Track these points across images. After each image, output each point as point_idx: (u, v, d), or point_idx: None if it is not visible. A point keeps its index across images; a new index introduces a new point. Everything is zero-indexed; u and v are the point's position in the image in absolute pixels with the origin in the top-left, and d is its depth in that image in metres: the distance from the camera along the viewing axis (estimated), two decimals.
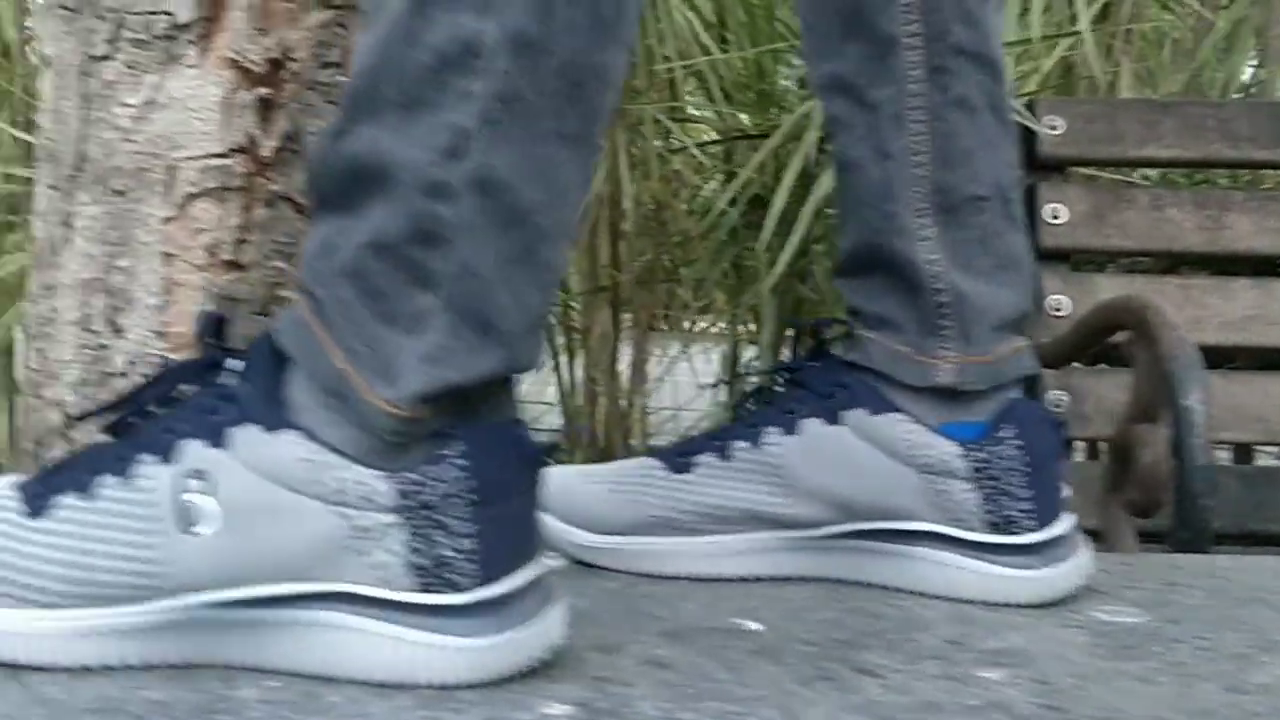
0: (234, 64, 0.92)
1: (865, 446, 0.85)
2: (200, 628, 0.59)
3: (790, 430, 0.87)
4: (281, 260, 0.96)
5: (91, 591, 0.58)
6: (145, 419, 0.64)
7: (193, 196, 0.93)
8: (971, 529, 0.84)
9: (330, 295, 0.61)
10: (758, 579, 0.87)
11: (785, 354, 1.99)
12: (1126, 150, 1.57)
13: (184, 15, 0.92)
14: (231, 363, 0.62)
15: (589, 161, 0.63)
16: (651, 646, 0.63)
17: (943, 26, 0.86)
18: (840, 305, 1.73)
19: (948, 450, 0.84)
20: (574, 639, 0.61)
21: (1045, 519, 0.84)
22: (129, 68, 0.93)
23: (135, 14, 0.92)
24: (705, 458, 0.88)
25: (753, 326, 1.98)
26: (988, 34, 0.88)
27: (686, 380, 2.19)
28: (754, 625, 0.69)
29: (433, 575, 0.59)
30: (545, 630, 0.60)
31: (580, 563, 0.87)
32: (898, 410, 0.86)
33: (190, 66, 0.92)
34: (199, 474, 0.58)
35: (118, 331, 0.95)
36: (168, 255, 0.93)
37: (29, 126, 1.80)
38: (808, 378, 0.89)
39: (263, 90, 0.93)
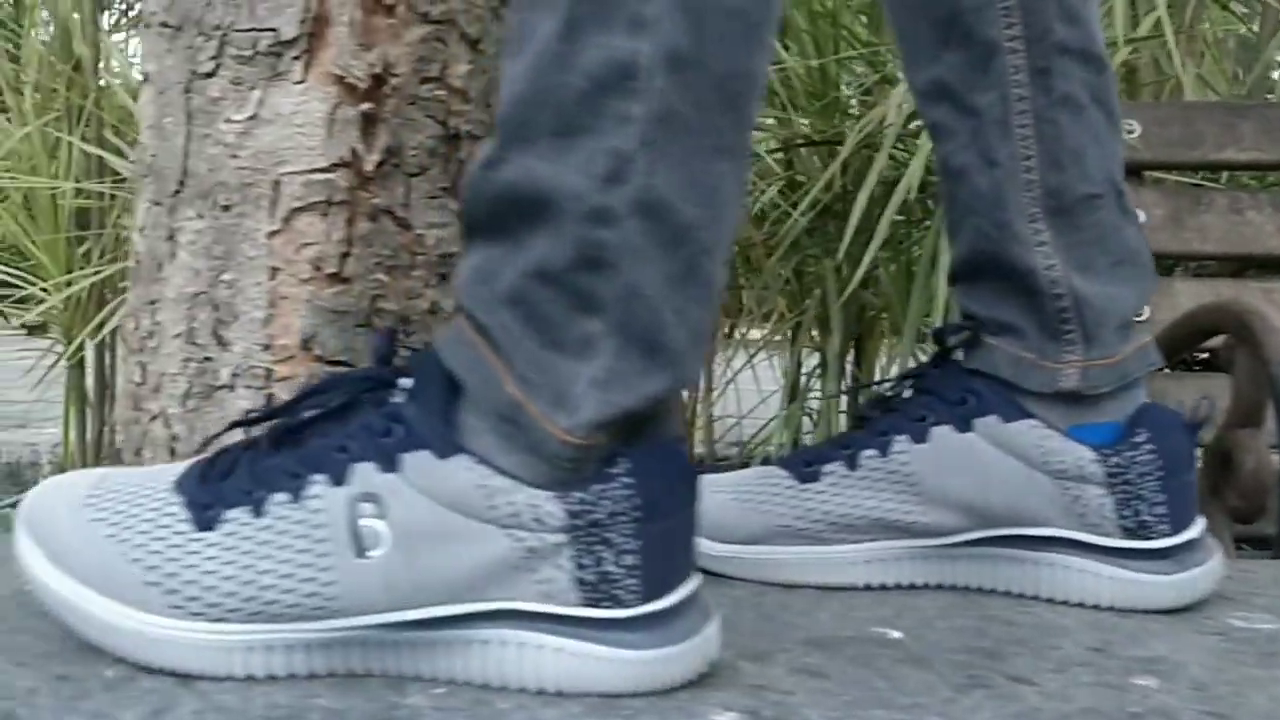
0: (338, 79, 0.93)
1: (997, 453, 0.85)
2: (368, 645, 0.59)
3: (920, 438, 0.87)
4: (383, 273, 0.97)
5: (262, 609, 0.59)
6: (308, 428, 0.63)
7: (297, 211, 0.94)
8: (1106, 534, 0.84)
9: (494, 321, 0.61)
10: (884, 587, 0.87)
11: (849, 363, 2.00)
12: (1205, 153, 1.56)
13: (288, 31, 0.93)
14: (402, 381, 0.62)
15: (744, 171, 0.63)
16: (799, 655, 0.63)
17: (1044, 26, 0.86)
18: (903, 312, 1.72)
19: (1082, 456, 0.84)
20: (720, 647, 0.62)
21: (1179, 523, 0.84)
22: (234, 84, 0.94)
23: (240, 31, 0.94)
24: (832, 466, 0.88)
25: (814, 334, 1.98)
26: (1089, 29, 0.87)
27: (748, 389, 2.19)
28: (895, 634, 0.69)
29: (598, 591, 0.59)
30: (705, 644, 0.60)
31: (706, 572, 0.87)
32: (1030, 416, 0.85)
33: (295, 82, 0.93)
34: (371, 498, 0.58)
35: (223, 345, 0.96)
36: (273, 269, 0.94)
37: (100, 142, 1.83)
38: (935, 385, 0.89)
39: (365, 105, 0.94)
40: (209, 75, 0.95)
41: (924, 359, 1.76)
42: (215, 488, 0.61)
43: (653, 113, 0.58)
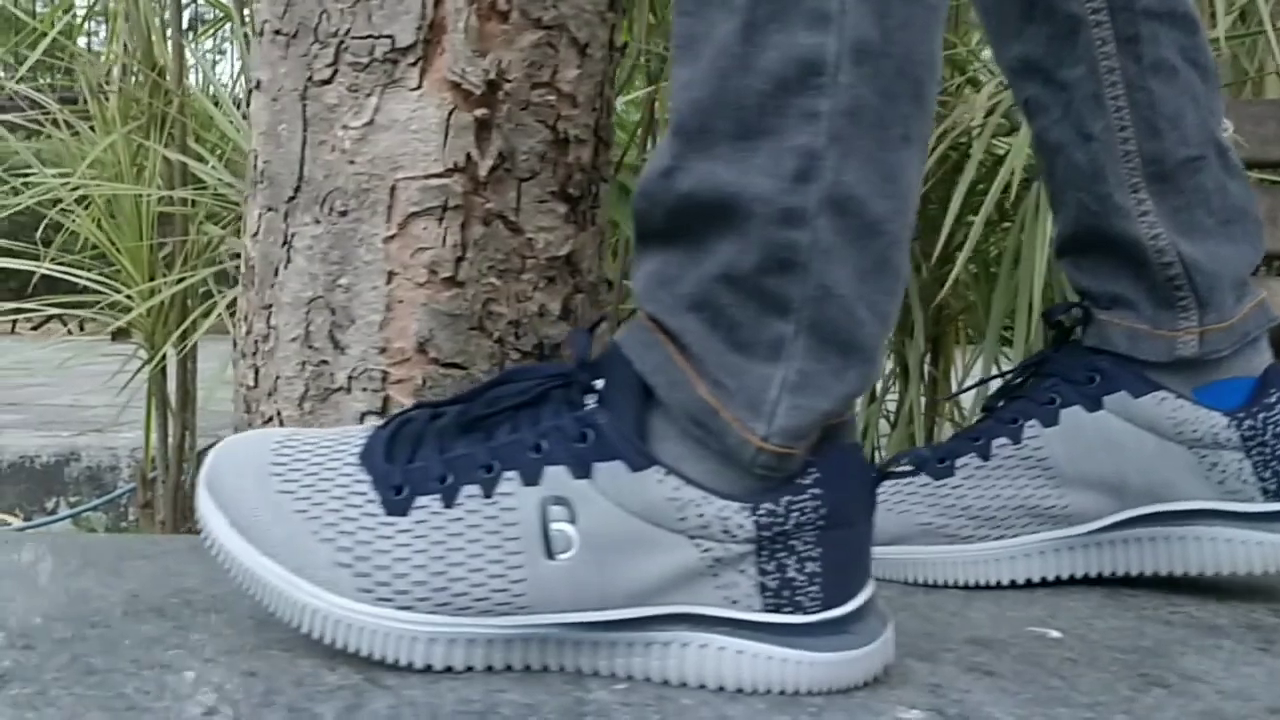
0: (454, 85, 0.94)
1: (1130, 429, 0.84)
2: (549, 643, 0.60)
3: (1051, 421, 0.86)
4: (495, 277, 0.98)
5: (450, 600, 0.59)
6: (495, 416, 0.63)
7: (413, 216, 0.95)
8: (1248, 499, 0.83)
9: (681, 326, 0.61)
10: (1029, 583, 0.86)
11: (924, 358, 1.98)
12: None
13: (405, 38, 0.94)
14: (596, 383, 0.62)
15: (924, 158, 0.62)
16: (967, 655, 0.63)
17: None
18: (985, 314, 1.70)
19: (1215, 422, 0.83)
20: None
21: None
22: (350, 91, 0.95)
23: (357, 38, 0.95)
24: (965, 460, 0.88)
25: (890, 337, 1.96)
26: None
27: None
28: (1054, 633, 0.69)
29: (780, 597, 0.59)
30: (883, 649, 0.61)
31: None
32: (1158, 388, 0.85)
33: (411, 89, 0.94)
34: (563, 501, 0.59)
35: (339, 348, 0.97)
36: (389, 273, 0.95)
37: (183, 148, 1.85)
38: (1059, 367, 0.88)
39: (480, 110, 0.95)
40: (325, 82, 0.96)
41: (1007, 363, 1.75)
42: (403, 469, 0.62)
43: (841, 107, 0.58)
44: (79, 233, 1.94)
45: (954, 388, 1.86)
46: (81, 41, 2.17)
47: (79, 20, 2.10)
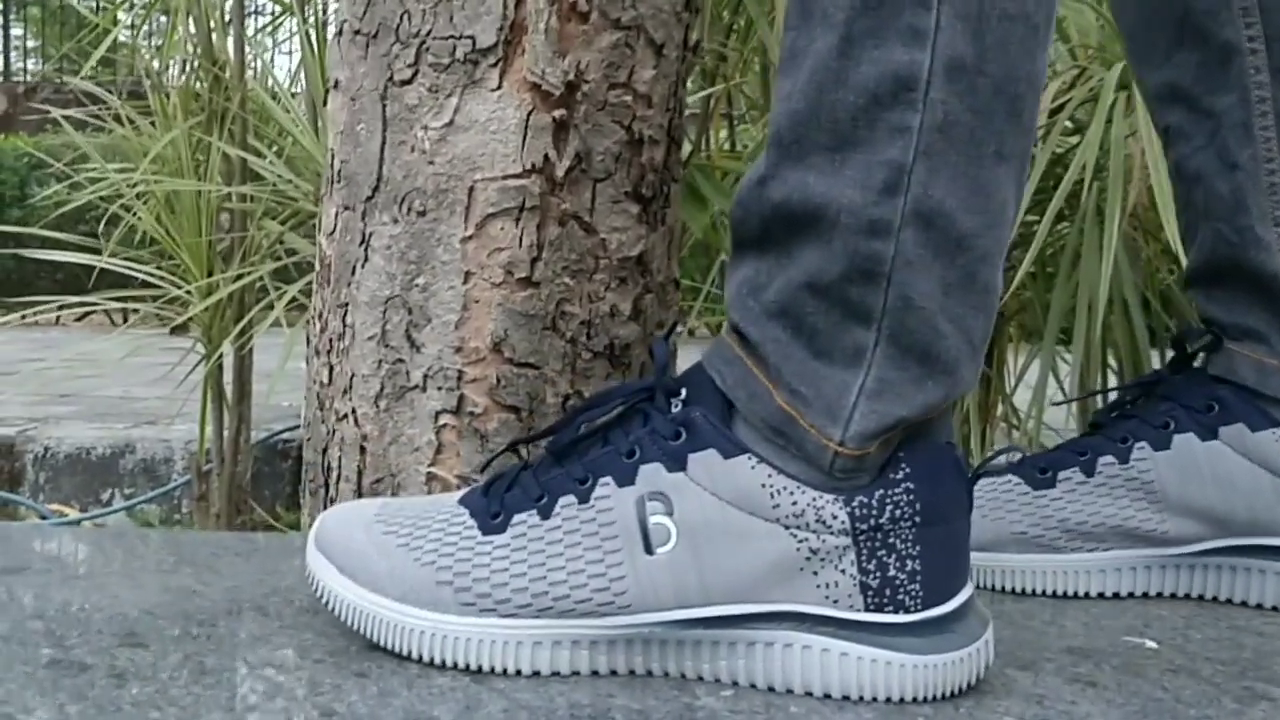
0: (533, 86, 0.95)
1: (1244, 463, 0.84)
2: (653, 644, 0.61)
3: (1162, 445, 0.86)
4: (569, 277, 0.98)
5: (552, 605, 0.60)
6: (585, 440, 0.65)
7: (491, 216, 0.96)
8: None
9: (763, 335, 0.62)
10: (1116, 596, 0.86)
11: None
12: None
13: (486, 39, 0.94)
14: (681, 391, 0.63)
15: (1023, 174, 0.63)
16: (1067, 665, 0.63)
17: None
18: (1042, 315, 1.69)
19: None
20: None
21: None
22: (431, 91, 0.96)
23: (438, 39, 0.95)
24: (1068, 473, 0.87)
25: None
26: None
27: None
28: (1150, 644, 0.69)
29: (881, 596, 0.60)
30: (985, 650, 0.61)
31: None
32: (1277, 425, 0.84)
33: (491, 89, 0.95)
34: (659, 496, 0.60)
35: (415, 347, 0.98)
36: (466, 273, 0.96)
37: (243, 145, 1.87)
38: (1177, 391, 0.88)
39: (558, 111, 0.95)
40: (406, 82, 0.97)
41: (1064, 365, 1.74)
42: (499, 498, 0.63)
43: (931, 122, 0.58)
44: (136, 227, 1.96)
45: (1008, 388, 1.85)
46: (143, 38, 2.19)
47: (141, 18, 2.13)
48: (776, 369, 0.61)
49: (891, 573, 0.59)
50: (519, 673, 0.59)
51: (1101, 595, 0.85)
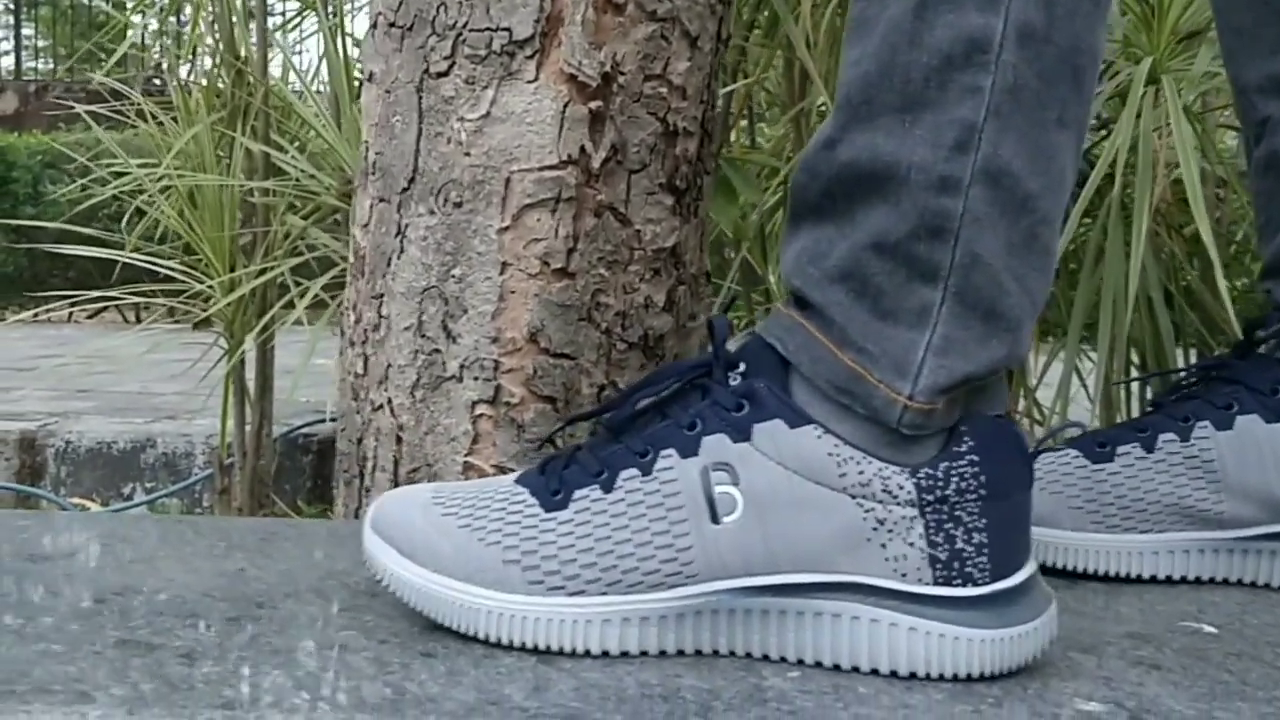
0: (570, 78, 0.95)
1: None
2: (721, 616, 0.61)
3: (1225, 425, 0.86)
4: (604, 268, 0.99)
5: (620, 579, 0.60)
6: (643, 416, 0.65)
7: (527, 207, 0.96)
8: None
9: (825, 299, 0.62)
10: (1169, 580, 0.85)
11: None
12: None
13: (522, 31, 0.95)
14: (740, 364, 0.63)
15: (1081, 143, 0.64)
16: (1129, 648, 0.63)
17: None
18: (1065, 311, 1.68)
19: None
20: None
21: None
22: (467, 83, 0.96)
23: (475, 30, 0.96)
24: (1128, 448, 0.87)
25: None
26: None
27: None
28: (1209, 628, 0.69)
29: (950, 569, 0.60)
30: (1049, 624, 0.61)
31: None
32: None
33: (527, 81, 0.95)
34: (724, 466, 0.60)
35: (451, 337, 0.98)
36: (502, 264, 0.96)
37: (266, 139, 1.87)
38: (1242, 374, 0.88)
39: (594, 103, 0.96)
40: (442, 74, 0.97)
41: (1089, 363, 1.74)
42: (558, 475, 0.63)
43: (1002, 84, 0.60)
44: (153, 223, 1.97)
45: (1032, 383, 1.84)
46: (156, 35, 2.20)
47: (162, 17, 2.13)
48: (841, 330, 0.62)
49: (959, 545, 0.60)
50: (587, 652, 0.59)
51: (1154, 579, 0.85)
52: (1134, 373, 1.75)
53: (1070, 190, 0.64)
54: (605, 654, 0.59)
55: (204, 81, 1.91)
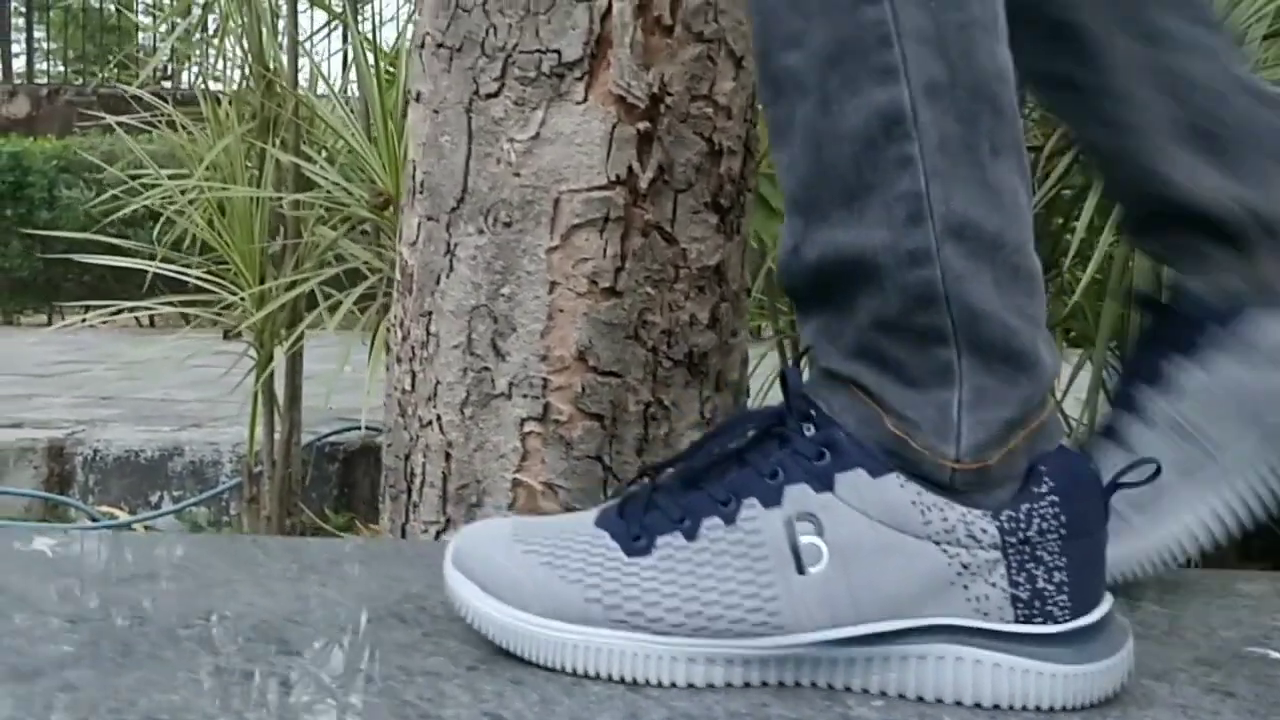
0: (618, 99, 0.96)
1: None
2: (805, 662, 0.62)
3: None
4: (650, 287, 1.00)
5: (706, 625, 0.61)
6: (718, 466, 0.66)
7: (576, 227, 0.97)
8: None
9: (853, 373, 0.63)
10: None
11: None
12: None
13: (572, 53, 0.96)
14: (813, 413, 0.64)
15: (1022, 159, 0.64)
16: (1200, 675, 0.64)
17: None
18: (1092, 322, 1.66)
19: None
20: None
21: None
22: (517, 104, 0.97)
23: (525, 52, 0.97)
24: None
25: None
26: None
27: None
28: (1275, 654, 0.69)
29: (1031, 607, 0.61)
30: (1127, 658, 0.62)
31: None
32: None
33: (576, 102, 0.96)
34: (808, 516, 0.61)
35: (500, 355, 0.99)
36: (551, 283, 0.98)
37: (296, 151, 1.88)
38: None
39: (642, 124, 0.97)
40: (492, 95, 0.98)
41: (1117, 371, 1.74)
42: (638, 520, 0.64)
43: (929, 145, 0.61)
44: (172, 231, 1.98)
45: (1057, 394, 1.85)
46: (177, 40, 2.21)
47: (194, 25, 2.14)
48: (879, 398, 0.62)
49: (1040, 584, 0.60)
50: (673, 684, 0.60)
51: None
52: None
53: (1029, 203, 0.65)
54: (690, 686, 0.60)
55: (232, 90, 1.92)
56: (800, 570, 0.61)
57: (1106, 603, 0.62)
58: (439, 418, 1.02)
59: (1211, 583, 0.84)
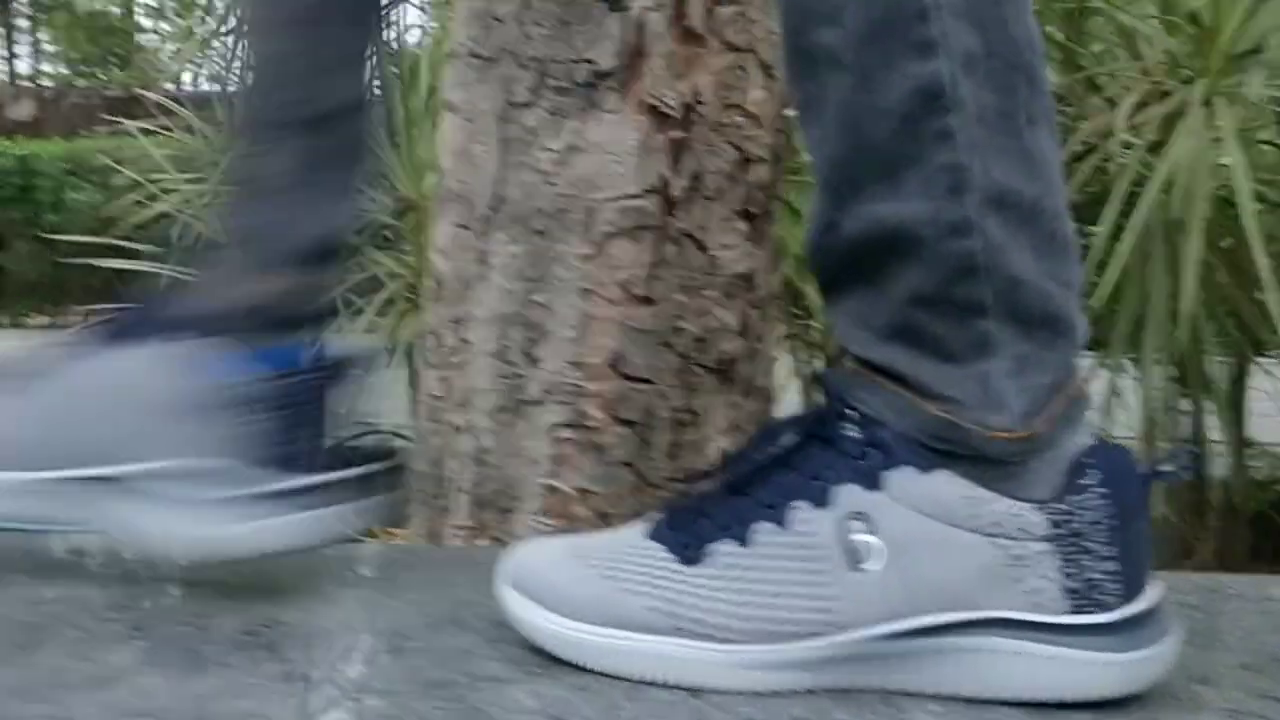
0: (651, 109, 0.97)
1: None
2: (866, 659, 0.63)
3: None
4: (683, 294, 1.01)
5: (766, 629, 0.62)
6: (762, 472, 0.67)
7: (610, 236, 0.98)
8: None
9: (887, 359, 0.64)
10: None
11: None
12: None
13: (606, 63, 0.97)
14: (850, 413, 0.65)
15: (1053, 129, 0.65)
16: (1246, 679, 0.64)
17: None
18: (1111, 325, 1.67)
19: None
20: None
21: None
22: (551, 114, 0.98)
23: (558, 62, 0.98)
24: None
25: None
26: None
27: None
28: None
29: (1083, 597, 0.62)
30: (1175, 645, 0.63)
31: None
32: None
33: (609, 111, 0.97)
34: (859, 515, 0.62)
35: (533, 362, 1.00)
36: (585, 291, 0.99)
37: None
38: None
39: (675, 133, 0.98)
40: (526, 105, 0.99)
41: (1133, 377, 1.75)
42: (689, 530, 0.65)
43: (968, 118, 0.61)
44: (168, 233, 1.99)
45: None
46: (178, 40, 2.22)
47: (214, 29, 2.15)
48: (916, 382, 0.63)
49: (1091, 575, 0.61)
50: (736, 692, 0.61)
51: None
52: (1175, 388, 1.77)
53: (1060, 171, 0.66)
54: (755, 694, 0.61)
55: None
56: (855, 568, 0.62)
57: (1154, 588, 0.63)
58: (471, 423, 1.03)
59: (1247, 588, 0.84)
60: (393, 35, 1.95)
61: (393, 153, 1.73)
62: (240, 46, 0.84)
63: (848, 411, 0.64)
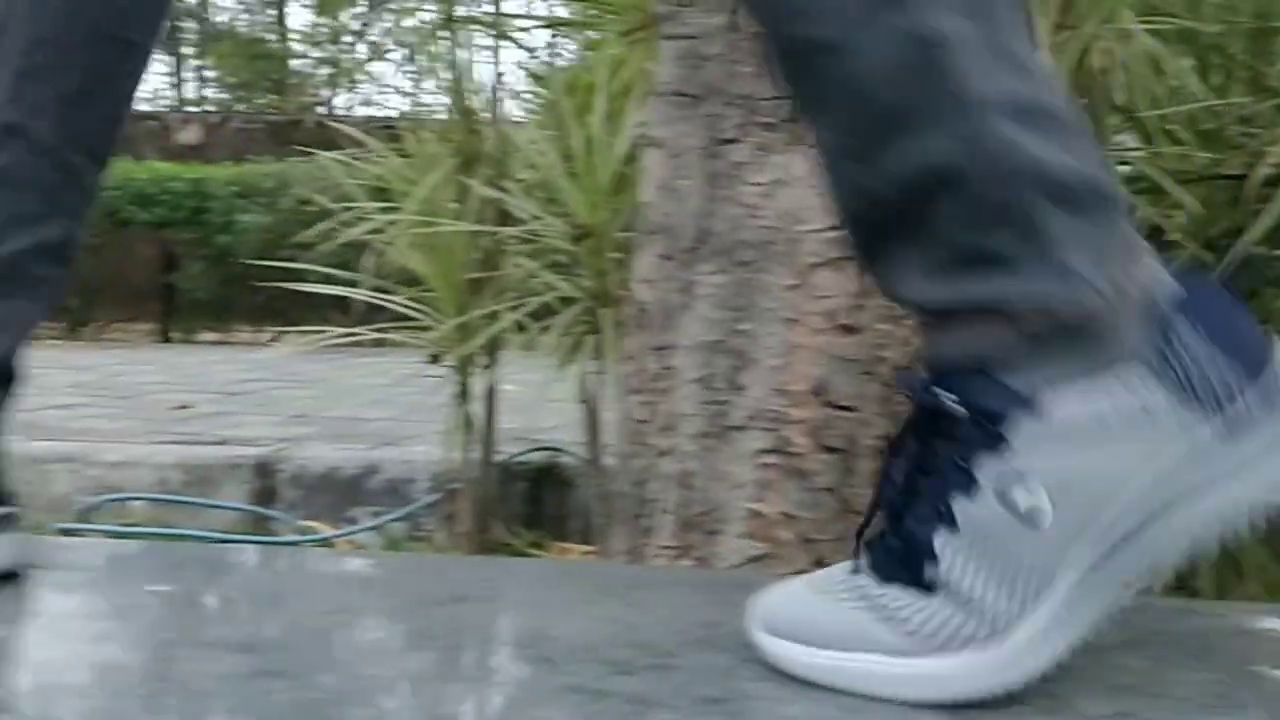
0: None
1: None
2: (1088, 595, 0.64)
3: None
4: (887, 323, 1.03)
5: (996, 628, 0.64)
6: (907, 487, 0.69)
7: (814, 266, 1.01)
8: None
9: (959, 294, 0.66)
10: None
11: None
12: None
13: None
14: (948, 395, 0.66)
15: (1029, 27, 0.68)
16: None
17: None
18: None
19: None
20: None
21: None
22: (758, 149, 1.02)
23: (765, 100, 1.01)
24: None
25: None
26: None
27: None
28: None
29: (1225, 415, 0.63)
30: None
31: None
32: None
33: (812, 146, 1.00)
34: (1012, 483, 0.63)
35: (737, 389, 1.04)
36: (789, 320, 1.02)
37: (498, 185, 1.96)
38: None
39: None
40: (732, 141, 1.03)
41: None
42: (892, 564, 0.67)
43: (958, 47, 0.64)
44: (372, 259, 2.09)
45: None
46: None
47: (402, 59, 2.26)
48: (994, 306, 0.64)
49: (1218, 393, 0.63)
50: (990, 697, 0.63)
51: None
52: None
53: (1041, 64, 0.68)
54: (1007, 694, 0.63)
55: (441, 129, 2.02)
56: (1036, 528, 0.63)
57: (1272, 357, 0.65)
58: (676, 447, 1.07)
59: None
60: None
61: (570, 180, 1.79)
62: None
63: (940, 394, 0.66)
